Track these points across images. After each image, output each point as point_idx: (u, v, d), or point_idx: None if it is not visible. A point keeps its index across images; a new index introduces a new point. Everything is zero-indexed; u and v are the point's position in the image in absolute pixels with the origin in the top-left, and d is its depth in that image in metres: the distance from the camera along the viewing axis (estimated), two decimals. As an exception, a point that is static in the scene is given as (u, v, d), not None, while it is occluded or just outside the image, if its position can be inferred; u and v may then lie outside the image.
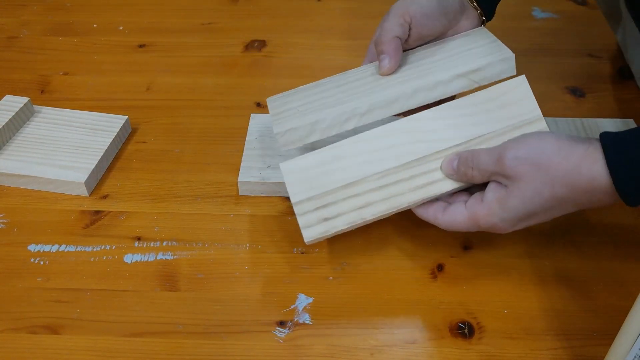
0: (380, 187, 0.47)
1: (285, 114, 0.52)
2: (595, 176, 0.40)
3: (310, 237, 0.47)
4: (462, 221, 0.45)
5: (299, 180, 0.47)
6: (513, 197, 0.42)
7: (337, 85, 0.54)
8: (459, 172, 0.46)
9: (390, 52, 0.50)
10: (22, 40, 0.80)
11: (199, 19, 0.83)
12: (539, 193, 0.42)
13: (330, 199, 0.47)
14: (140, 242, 0.54)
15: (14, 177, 0.58)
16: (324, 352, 0.45)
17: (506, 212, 0.43)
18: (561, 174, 0.41)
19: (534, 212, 0.43)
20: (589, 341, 0.46)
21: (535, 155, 0.42)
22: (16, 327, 0.47)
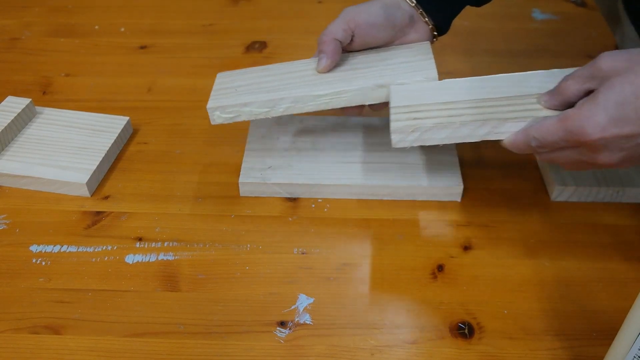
0: (476, 107, 0.47)
1: (224, 92, 0.55)
2: None
3: (395, 128, 0.47)
4: (551, 124, 0.43)
5: (403, 95, 0.50)
6: (603, 91, 0.40)
7: (280, 72, 0.56)
8: (554, 90, 0.45)
9: (329, 52, 0.53)
10: (24, 41, 0.80)
11: (200, 20, 0.83)
12: (630, 82, 0.39)
13: (425, 108, 0.48)
14: (141, 243, 0.54)
15: (16, 178, 0.59)
16: (324, 352, 0.45)
17: (596, 106, 0.40)
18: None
19: (626, 110, 0.39)
20: (589, 341, 0.46)
21: (631, 51, 0.41)
22: (18, 328, 0.47)
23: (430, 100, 0.49)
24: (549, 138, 0.43)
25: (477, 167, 0.59)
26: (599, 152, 0.41)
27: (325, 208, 0.57)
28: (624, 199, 0.57)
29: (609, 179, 0.56)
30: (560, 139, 0.42)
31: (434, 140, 0.48)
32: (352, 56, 0.56)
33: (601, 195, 0.56)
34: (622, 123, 0.40)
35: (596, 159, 0.42)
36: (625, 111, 0.39)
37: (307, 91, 0.53)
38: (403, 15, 0.54)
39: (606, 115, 0.40)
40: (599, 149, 0.41)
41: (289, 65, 0.57)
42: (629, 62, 0.40)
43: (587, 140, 0.41)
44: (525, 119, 0.45)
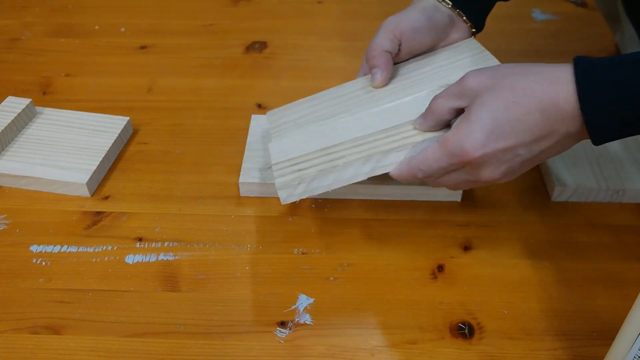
0: (355, 146, 0.48)
1: (284, 127, 0.54)
2: (557, 79, 0.39)
3: (281, 183, 0.47)
4: (433, 151, 0.43)
5: (281, 150, 0.50)
6: (476, 107, 0.41)
7: (332, 98, 0.55)
8: (426, 111, 0.45)
9: (382, 65, 0.52)
10: (24, 42, 0.80)
11: (200, 20, 0.83)
12: (500, 97, 0.40)
13: (306, 158, 0.49)
14: (141, 243, 0.54)
15: (16, 178, 0.59)
16: (324, 352, 0.45)
17: (472, 125, 0.41)
18: (521, 78, 0.40)
19: (500, 123, 0.40)
20: (589, 341, 0.46)
21: (497, 68, 0.42)
22: (18, 328, 0.47)
23: (309, 149, 0.49)
24: (434, 165, 0.44)
25: (477, 167, 0.59)
26: (481, 168, 0.42)
27: (325, 208, 0.57)
28: (624, 199, 0.57)
29: (609, 179, 0.56)
30: (445, 163, 0.43)
31: (321, 188, 0.47)
32: (402, 66, 0.55)
33: (601, 195, 0.56)
34: (498, 137, 0.41)
35: (480, 175, 0.43)
36: (499, 125, 0.40)
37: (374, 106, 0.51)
38: (443, 16, 0.54)
39: (483, 132, 0.41)
40: (481, 165, 0.42)
41: (337, 90, 0.55)
42: (494, 79, 0.41)
43: (469, 159, 0.42)
44: (406, 147, 0.46)
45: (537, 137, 0.41)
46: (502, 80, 0.41)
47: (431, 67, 0.54)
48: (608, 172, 0.57)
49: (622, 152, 0.59)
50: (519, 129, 0.40)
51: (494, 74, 0.42)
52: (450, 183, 0.45)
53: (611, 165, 0.58)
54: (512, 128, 0.40)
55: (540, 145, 0.41)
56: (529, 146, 0.41)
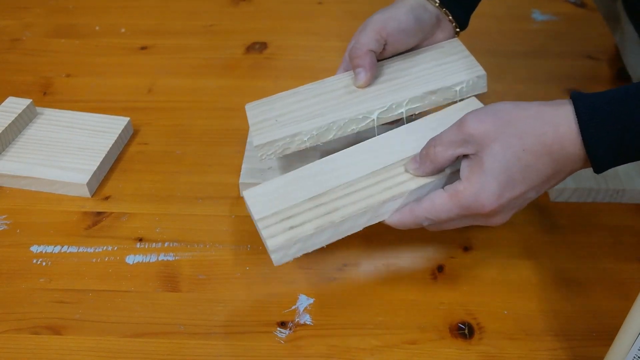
0: (348, 194, 0.45)
1: (264, 124, 0.52)
2: (562, 121, 0.40)
3: (275, 246, 0.43)
4: (443, 203, 0.42)
5: (263, 201, 0.45)
6: (486, 158, 0.41)
7: (313, 94, 0.54)
8: (423, 158, 0.44)
9: (366, 65, 0.51)
10: (25, 42, 0.80)
11: (201, 21, 0.84)
12: (509, 146, 0.40)
13: (296, 210, 0.44)
14: (141, 243, 0.54)
15: (16, 179, 0.59)
16: (324, 352, 0.46)
17: (484, 177, 0.41)
18: (525, 123, 0.40)
19: (513, 173, 0.41)
20: (589, 342, 0.46)
21: (495, 111, 0.41)
22: (19, 328, 0.47)
23: (297, 198, 0.45)
24: (443, 216, 0.43)
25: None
26: (493, 217, 0.43)
27: (325, 208, 0.57)
28: (624, 199, 0.57)
29: (608, 179, 0.57)
30: (456, 214, 0.43)
31: (317, 244, 0.44)
32: (386, 65, 0.54)
33: (601, 195, 0.57)
34: (512, 187, 0.41)
35: (491, 222, 0.43)
36: (512, 174, 0.41)
37: (357, 110, 0.50)
38: (430, 16, 0.53)
39: (497, 184, 0.41)
40: (493, 215, 0.42)
41: (320, 85, 0.55)
42: (497, 125, 0.41)
43: (484, 212, 0.42)
44: (401, 195, 0.45)
45: (546, 178, 0.41)
46: (506, 128, 0.41)
47: (416, 69, 0.53)
48: (608, 172, 0.57)
49: (621, 152, 0.59)
50: (530, 174, 0.41)
51: (496, 121, 0.41)
52: (454, 227, 0.45)
53: (611, 166, 0.58)
54: (524, 175, 0.41)
55: (548, 184, 0.42)
56: (538, 188, 0.42)
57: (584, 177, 0.57)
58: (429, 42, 0.55)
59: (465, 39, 0.79)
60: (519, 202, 0.42)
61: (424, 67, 0.53)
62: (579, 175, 0.57)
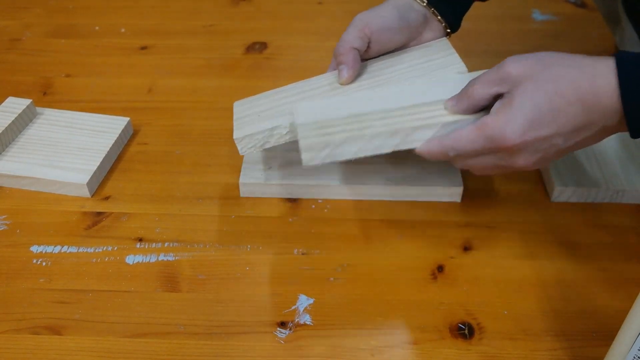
0: (383, 118, 0.47)
1: (246, 119, 0.53)
2: (600, 73, 0.40)
3: (306, 146, 0.46)
4: (469, 133, 0.43)
5: (308, 113, 0.48)
6: (517, 95, 0.41)
7: (299, 92, 0.55)
8: (461, 95, 0.45)
9: (349, 62, 0.52)
10: (25, 42, 0.80)
11: (200, 21, 0.84)
12: (543, 87, 0.41)
13: (333, 123, 0.47)
14: (141, 243, 0.54)
15: (16, 179, 0.59)
16: (324, 352, 0.46)
17: (513, 111, 0.41)
18: (562, 69, 0.41)
19: (542, 113, 0.41)
20: (589, 342, 0.46)
21: (537, 55, 0.42)
22: (18, 328, 0.47)
23: (338, 114, 0.47)
24: (469, 147, 0.44)
25: (477, 167, 0.59)
26: (517, 155, 0.43)
27: (325, 209, 0.57)
28: (624, 199, 0.57)
29: (609, 179, 0.57)
30: (481, 146, 0.43)
31: (346, 154, 0.47)
32: (371, 63, 0.55)
33: (601, 196, 0.57)
34: (539, 126, 0.41)
35: (514, 162, 0.43)
36: (541, 114, 0.41)
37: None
38: (417, 15, 0.53)
39: (524, 120, 0.41)
40: (517, 152, 0.42)
41: (306, 83, 0.55)
42: (535, 68, 0.41)
43: (507, 145, 0.42)
44: (434, 126, 0.46)
45: (576, 127, 0.41)
46: (544, 70, 0.41)
47: (399, 67, 0.53)
48: (608, 172, 0.57)
49: (622, 152, 0.59)
50: (559, 119, 0.41)
51: (535, 63, 0.42)
52: (479, 166, 0.45)
53: (611, 166, 0.58)
54: (553, 117, 0.41)
55: (577, 136, 0.42)
56: (566, 136, 0.42)
57: (584, 178, 0.57)
58: (417, 41, 0.55)
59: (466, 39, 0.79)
60: (545, 145, 0.42)
61: (407, 65, 0.53)
62: (579, 175, 0.57)
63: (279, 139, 0.51)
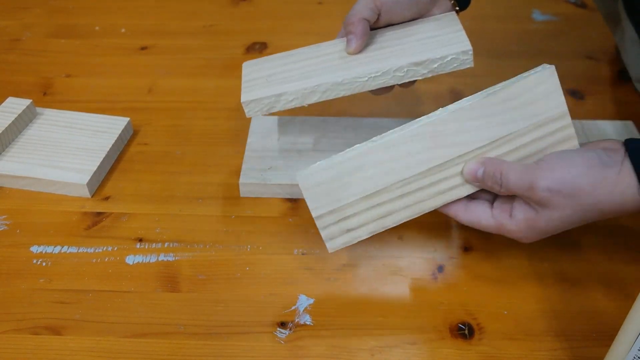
0: (402, 196, 0.46)
1: (255, 82, 0.54)
2: (627, 200, 0.41)
3: (334, 248, 0.48)
4: (488, 225, 0.45)
5: (319, 193, 0.46)
6: (543, 221, 0.43)
7: (308, 57, 0.55)
8: (485, 184, 0.45)
9: (358, 33, 0.52)
10: (25, 42, 0.80)
11: (201, 21, 0.84)
12: (568, 218, 0.43)
13: (352, 210, 0.46)
14: (141, 244, 0.54)
15: (16, 179, 0.59)
16: (325, 352, 0.46)
17: (534, 231, 0.44)
18: (593, 201, 0.41)
19: (560, 230, 0.44)
20: (589, 342, 0.46)
21: (568, 186, 0.42)
22: (19, 328, 0.47)
23: (352, 195, 0.46)
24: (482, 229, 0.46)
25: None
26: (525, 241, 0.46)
27: (325, 209, 0.57)
28: (624, 199, 0.57)
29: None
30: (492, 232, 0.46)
31: (366, 234, 0.47)
32: (379, 34, 0.55)
33: (601, 196, 0.56)
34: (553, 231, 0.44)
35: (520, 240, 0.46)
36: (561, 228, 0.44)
37: (341, 75, 0.51)
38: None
39: (542, 234, 0.44)
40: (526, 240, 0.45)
41: (315, 49, 0.56)
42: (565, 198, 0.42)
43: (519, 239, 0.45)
44: (452, 203, 0.46)
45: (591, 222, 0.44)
46: (573, 202, 0.42)
47: (407, 39, 0.53)
48: (608, 172, 0.57)
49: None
50: (574, 223, 0.43)
51: (565, 194, 0.42)
52: None
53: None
54: (569, 226, 0.44)
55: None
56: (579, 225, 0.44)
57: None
58: (425, 17, 0.55)
59: (465, 39, 0.78)
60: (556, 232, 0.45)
61: (415, 38, 0.53)
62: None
63: (286, 104, 0.52)
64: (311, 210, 0.46)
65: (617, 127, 0.63)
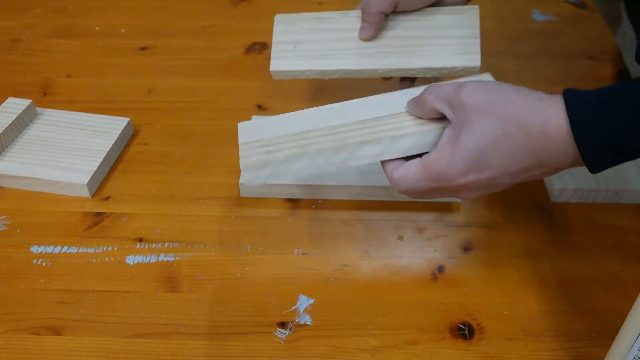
0: (330, 134, 0.46)
1: (283, 47, 0.56)
2: (552, 117, 0.39)
3: (246, 165, 0.45)
4: (414, 173, 0.43)
5: (251, 131, 0.47)
6: (464, 134, 0.41)
7: (334, 27, 0.56)
8: (417, 101, 0.45)
9: (373, 24, 0.54)
10: (25, 42, 0.80)
11: (200, 21, 0.84)
12: (491, 129, 0.40)
13: (278, 141, 0.46)
14: (142, 244, 0.54)
15: (16, 179, 0.59)
16: (325, 353, 0.46)
17: (456, 150, 0.41)
18: (516, 109, 0.40)
19: (484, 153, 0.40)
20: (589, 342, 0.46)
21: (495, 89, 0.41)
22: (19, 328, 0.47)
23: (282, 132, 0.46)
24: (415, 186, 0.44)
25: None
26: (460, 192, 0.43)
27: (325, 209, 0.57)
28: (625, 200, 0.57)
29: (609, 180, 0.57)
30: (427, 187, 0.43)
31: (289, 174, 0.45)
32: (398, 19, 0.55)
33: (601, 196, 0.56)
34: (483, 168, 0.41)
35: (458, 195, 0.44)
36: (485, 156, 0.40)
37: (360, 64, 0.54)
38: None
39: (467, 162, 0.41)
40: (460, 190, 0.43)
41: (341, 19, 0.56)
42: (489, 104, 0.40)
43: (449, 185, 0.42)
44: (381, 141, 0.45)
45: (523, 168, 0.41)
46: (496, 109, 0.40)
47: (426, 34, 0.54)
48: (608, 173, 0.57)
49: (622, 152, 0.59)
50: (506, 161, 0.40)
51: (490, 98, 0.41)
52: (429, 198, 0.48)
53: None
54: (498, 161, 0.40)
55: (526, 174, 0.41)
56: (513, 176, 0.41)
57: (584, 178, 0.57)
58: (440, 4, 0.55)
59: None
60: (489, 184, 0.42)
61: (432, 34, 0.54)
62: (579, 175, 0.57)
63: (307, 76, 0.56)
64: (239, 141, 0.46)
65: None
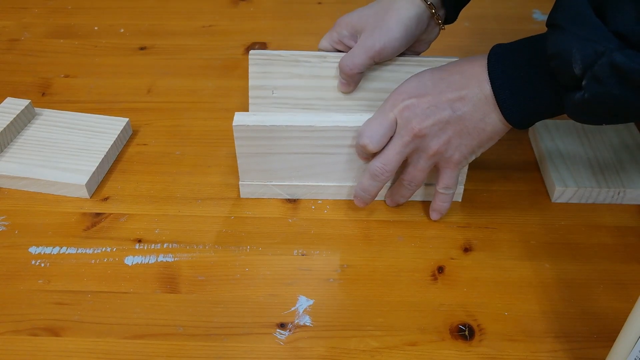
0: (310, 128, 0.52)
1: (261, 94, 0.57)
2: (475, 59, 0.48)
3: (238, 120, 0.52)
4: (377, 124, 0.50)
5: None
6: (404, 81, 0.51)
7: (311, 74, 0.57)
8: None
9: (352, 83, 0.56)
10: (24, 42, 0.80)
11: (200, 21, 0.83)
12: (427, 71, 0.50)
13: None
14: (141, 244, 0.54)
15: (15, 180, 0.58)
16: (324, 354, 0.45)
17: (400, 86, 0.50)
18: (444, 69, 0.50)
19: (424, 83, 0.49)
20: (589, 343, 0.46)
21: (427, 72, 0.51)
22: (17, 329, 0.47)
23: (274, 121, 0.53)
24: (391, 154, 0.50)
25: (477, 168, 0.59)
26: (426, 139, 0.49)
27: (325, 209, 0.57)
28: (625, 200, 0.57)
29: (609, 180, 0.56)
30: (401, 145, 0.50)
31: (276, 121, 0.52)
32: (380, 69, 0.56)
33: (602, 196, 0.56)
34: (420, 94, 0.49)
35: (429, 148, 0.49)
36: (423, 84, 0.49)
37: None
38: (422, 25, 0.53)
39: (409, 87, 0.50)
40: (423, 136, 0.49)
41: (318, 63, 0.56)
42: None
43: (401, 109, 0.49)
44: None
45: (456, 91, 0.48)
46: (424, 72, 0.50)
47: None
48: (608, 173, 0.57)
49: (622, 152, 0.59)
50: (440, 84, 0.48)
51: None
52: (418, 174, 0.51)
53: (611, 167, 0.58)
54: (434, 83, 0.49)
55: (460, 104, 0.48)
56: (451, 103, 0.48)
57: (584, 178, 0.57)
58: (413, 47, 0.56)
59: (466, 39, 0.79)
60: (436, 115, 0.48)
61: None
62: (579, 176, 0.57)
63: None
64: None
65: (618, 127, 0.63)
